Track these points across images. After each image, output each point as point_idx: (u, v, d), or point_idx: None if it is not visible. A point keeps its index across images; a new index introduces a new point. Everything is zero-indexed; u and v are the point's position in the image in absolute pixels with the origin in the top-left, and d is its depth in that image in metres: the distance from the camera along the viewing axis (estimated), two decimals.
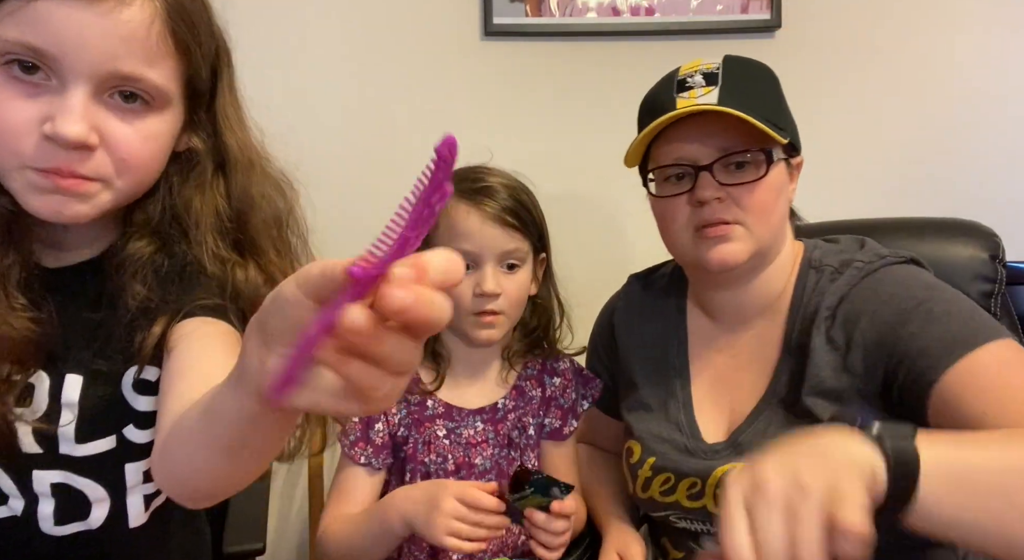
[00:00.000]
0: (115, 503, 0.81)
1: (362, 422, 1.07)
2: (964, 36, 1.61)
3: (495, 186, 1.08)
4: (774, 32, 1.59)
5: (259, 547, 1.24)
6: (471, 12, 1.57)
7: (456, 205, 1.05)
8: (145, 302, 0.75)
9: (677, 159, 0.96)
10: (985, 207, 1.38)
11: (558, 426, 1.15)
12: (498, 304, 1.05)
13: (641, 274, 1.17)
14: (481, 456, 1.09)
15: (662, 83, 1.01)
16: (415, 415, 1.09)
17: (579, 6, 1.57)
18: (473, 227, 1.04)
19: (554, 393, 1.15)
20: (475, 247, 1.04)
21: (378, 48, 1.58)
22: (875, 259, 0.94)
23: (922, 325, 0.86)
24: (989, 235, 1.28)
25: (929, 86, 1.61)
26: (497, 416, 1.11)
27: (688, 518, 0.99)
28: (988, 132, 1.62)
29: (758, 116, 0.91)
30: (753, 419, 0.96)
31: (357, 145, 1.61)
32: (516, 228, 1.07)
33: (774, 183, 0.94)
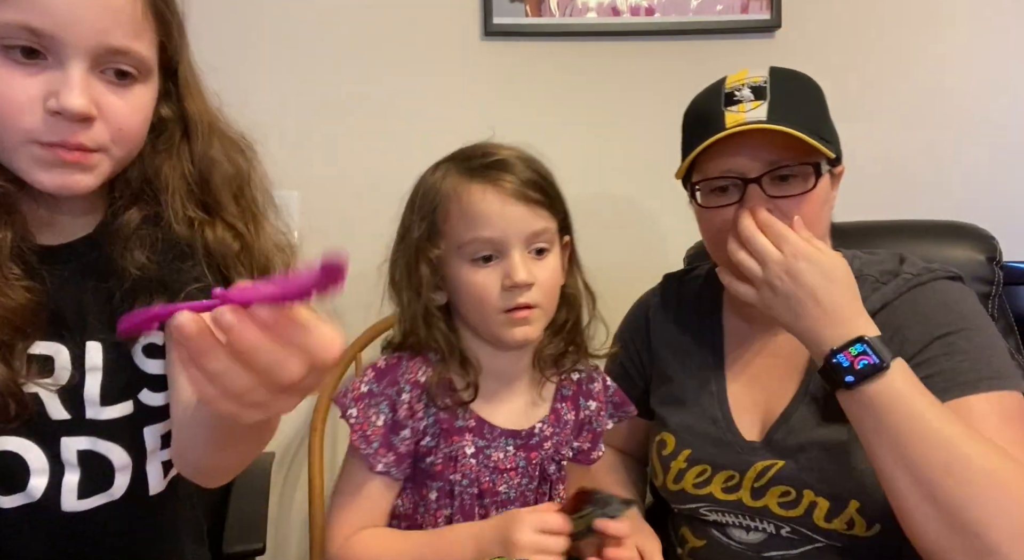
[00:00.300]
0: (136, 469, 0.84)
1: (386, 426, 0.92)
2: (962, 38, 1.61)
3: (509, 159, 0.93)
4: (774, 32, 1.59)
5: (259, 547, 1.24)
6: (471, 12, 1.57)
7: (468, 186, 0.91)
8: (144, 269, 0.80)
9: (725, 171, 0.97)
10: (982, 209, 1.39)
11: (587, 449, 1.04)
12: (531, 296, 0.91)
13: (676, 274, 1.18)
14: (507, 484, 0.96)
15: (708, 95, 1.01)
16: (444, 424, 0.95)
17: (579, 6, 1.57)
18: (492, 209, 0.89)
19: (588, 416, 1.04)
20: (498, 232, 0.90)
21: (378, 47, 1.58)
22: (924, 272, 0.97)
23: (940, 353, 0.89)
24: (986, 237, 1.28)
25: (927, 87, 1.61)
26: (532, 442, 0.98)
27: (720, 510, 1.00)
28: (985, 134, 1.62)
29: (806, 130, 0.92)
30: (787, 418, 0.97)
31: (357, 144, 1.61)
32: (542, 204, 0.92)
33: (820, 195, 0.96)
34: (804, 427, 0.96)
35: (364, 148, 1.61)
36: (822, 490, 0.93)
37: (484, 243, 0.91)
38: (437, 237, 0.93)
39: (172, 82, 0.83)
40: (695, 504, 1.02)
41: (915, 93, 1.61)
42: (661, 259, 1.54)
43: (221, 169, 0.85)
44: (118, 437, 0.83)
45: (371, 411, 0.93)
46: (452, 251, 0.92)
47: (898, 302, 0.95)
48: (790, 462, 0.95)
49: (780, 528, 0.96)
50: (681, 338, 1.11)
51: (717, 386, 1.05)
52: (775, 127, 0.91)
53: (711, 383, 1.05)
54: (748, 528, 0.98)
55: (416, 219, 0.95)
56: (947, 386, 0.87)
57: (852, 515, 0.91)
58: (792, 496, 0.94)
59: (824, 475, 0.93)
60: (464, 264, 0.91)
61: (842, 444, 0.92)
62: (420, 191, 0.96)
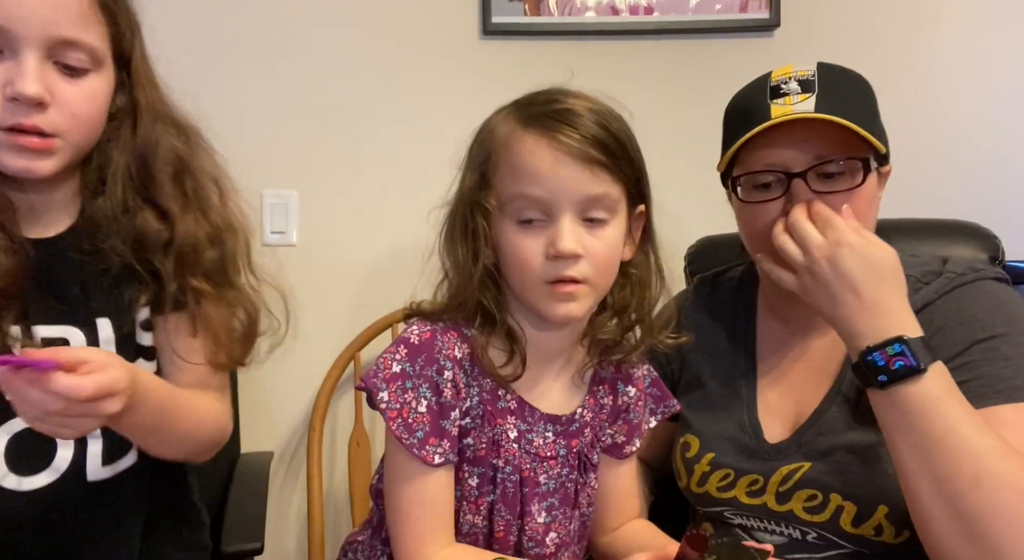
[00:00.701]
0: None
1: (431, 412, 0.81)
2: (962, 37, 1.61)
3: (576, 109, 0.81)
4: (773, 31, 1.59)
5: (257, 547, 1.24)
6: (470, 11, 1.57)
7: (522, 136, 0.81)
8: (124, 255, 0.87)
9: (769, 165, 0.93)
10: (985, 208, 1.38)
11: (621, 442, 0.95)
12: (579, 269, 0.80)
13: (708, 276, 1.15)
14: (547, 474, 0.87)
15: (754, 88, 0.98)
16: (488, 404, 0.85)
17: (578, 5, 1.57)
18: (543, 165, 0.78)
19: (626, 404, 0.94)
20: (546, 192, 0.79)
21: (378, 47, 1.58)
22: (968, 271, 0.94)
23: (981, 357, 0.87)
24: (988, 236, 1.28)
25: (928, 86, 1.61)
26: (572, 428, 0.89)
27: (744, 514, 0.98)
28: (987, 133, 1.62)
29: (856, 123, 0.89)
30: (817, 417, 0.95)
31: (357, 144, 1.61)
32: (604, 166, 0.80)
33: (868, 192, 0.92)
34: (834, 429, 0.93)
35: (364, 148, 1.61)
36: (849, 494, 0.90)
37: (530, 202, 0.80)
38: (489, 189, 0.83)
39: (126, 73, 0.89)
40: (719, 507, 1.00)
41: (916, 92, 1.61)
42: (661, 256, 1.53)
43: (161, 153, 0.90)
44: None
45: (408, 395, 0.81)
46: (500, 207, 0.82)
47: (940, 302, 0.92)
48: (817, 464, 0.93)
49: (806, 533, 0.93)
50: (713, 341, 1.08)
51: (748, 391, 1.03)
52: (826, 117, 0.87)
53: (742, 388, 1.03)
54: (770, 532, 0.96)
55: (469, 168, 0.86)
56: (986, 392, 0.84)
57: (880, 521, 0.88)
58: (818, 500, 0.92)
59: (851, 478, 0.90)
60: (510, 223, 0.81)
61: (872, 447, 0.89)
62: (479, 137, 0.87)
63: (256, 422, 1.61)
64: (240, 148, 1.59)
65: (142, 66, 0.90)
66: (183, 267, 0.88)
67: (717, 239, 1.42)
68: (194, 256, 0.89)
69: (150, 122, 0.90)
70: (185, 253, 0.88)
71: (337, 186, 1.60)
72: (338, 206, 1.61)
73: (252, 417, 1.60)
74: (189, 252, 0.88)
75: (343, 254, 1.60)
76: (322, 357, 1.55)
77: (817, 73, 0.94)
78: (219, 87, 1.58)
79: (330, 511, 1.59)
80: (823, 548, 0.93)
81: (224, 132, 1.60)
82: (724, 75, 1.54)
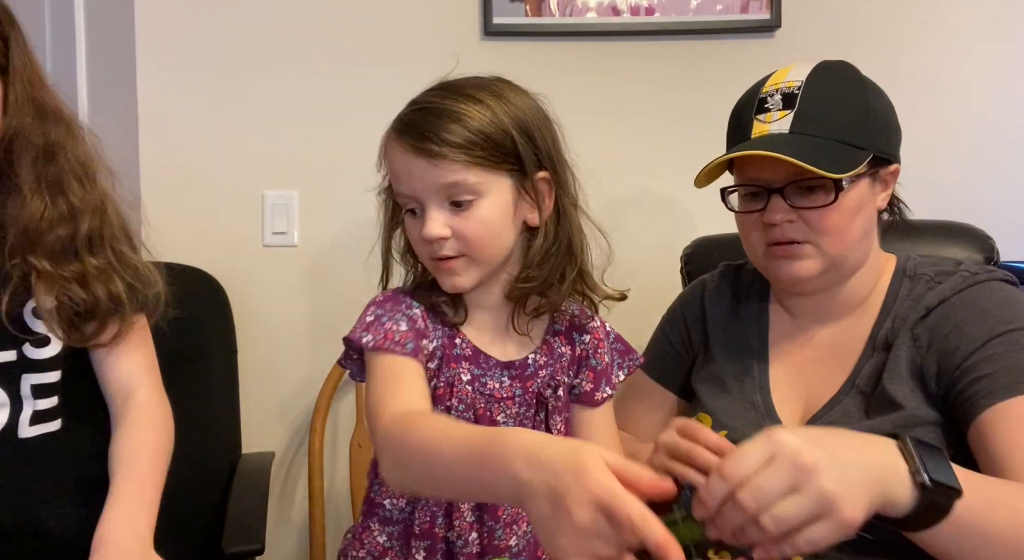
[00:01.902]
0: (12, 410, 0.97)
1: (413, 331, 0.90)
2: (960, 38, 1.61)
3: (419, 107, 0.93)
4: (774, 32, 1.59)
5: (258, 547, 1.24)
6: (471, 12, 1.57)
7: (391, 142, 0.94)
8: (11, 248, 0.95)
9: (751, 179, 0.97)
10: (980, 209, 1.38)
11: (589, 389, 1.01)
12: (450, 247, 0.89)
13: (734, 264, 1.17)
14: (504, 413, 0.95)
15: (749, 94, 1.01)
16: (446, 349, 0.94)
17: (579, 6, 1.57)
18: (401, 167, 0.91)
19: (585, 352, 1.01)
20: (409, 188, 0.90)
21: (378, 47, 1.58)
22: (982, 271, 0.96)
23: (1003, 350, 0.87)
24: (983, 237, 1.28)
25: (925, 88, 1.61)
26: (527, 373, 0.97)
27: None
28: (983, 134, 1.62)
29: (834, 143, 0.91)
30: (830, 408, 0.96)
31: (357, 144, 1.61)
32: (448, 157, 0.87)
33: (849, 204, 0.94)
34: (847, 418, 0.94)
35: (364, 148, 1.60)
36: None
37: (405, 198, 0.92)
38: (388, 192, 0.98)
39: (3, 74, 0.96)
40: None
41: (913, 93, 1.61)
42: (658, 257, 1.54)
43: (25, 139, 0.96)
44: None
45: (388, 325, 0.90)
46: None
47: (956, 299, 0.93)
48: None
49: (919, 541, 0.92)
50: (730, 322, 1.10)
51: (759, 372, 1.04)
52: (777, 155, 0.90)
53: (753, 369, 1.05)
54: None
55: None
56: (1012, 383, 0.84)
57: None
58: None
59: None
60: (407, 215, 0.93)
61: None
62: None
63: (257, 423, 1.61)
64: (242, 149, 1.61)
65: (18, 64, 0.95)
66: (25, 244, 0.95)
67: (714, 239, 1.42)
68: (36, 235, 0.95)
69: (21, 113, 0.95)
70: (29, 231, 0.94)
71: (338, 187, 1.60)
72: (339, 206, 1.61)
73: (253, 418, 1.60)
74: (33, 230, 0.94)
75: (344, 254, 1.60)
76: (323, 357, 1.55)
77: (805, 83, 0.95)
78: (220, 88, 1.58)
79: (331, 512, 1.59)
80: (843, 549, 0.91)
81: (226, 133, 1.61)
82: (725, 76, 1.54)
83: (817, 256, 0.95)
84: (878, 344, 0.96)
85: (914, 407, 0.90)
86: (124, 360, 1.04)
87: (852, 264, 0.98)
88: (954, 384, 0.88)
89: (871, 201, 0.97)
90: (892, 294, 0.98)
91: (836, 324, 1.01)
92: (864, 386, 0.95)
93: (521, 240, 0.95)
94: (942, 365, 0.90)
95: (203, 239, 1.55)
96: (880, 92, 1.00)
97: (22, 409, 0.97)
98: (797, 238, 0.95)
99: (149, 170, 1.56)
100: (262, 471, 1.50)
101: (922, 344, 0.92)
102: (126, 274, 1.01)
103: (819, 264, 0.95)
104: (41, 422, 0.99)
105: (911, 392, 0.91)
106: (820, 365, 1.01)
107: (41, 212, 0.95)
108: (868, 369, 0.95)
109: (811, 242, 0.95)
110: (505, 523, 0.95)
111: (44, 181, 0.96)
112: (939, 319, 0.89)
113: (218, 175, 1.59)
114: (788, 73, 0.98)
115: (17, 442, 0.97)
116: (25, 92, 0.95)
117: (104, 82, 1.61)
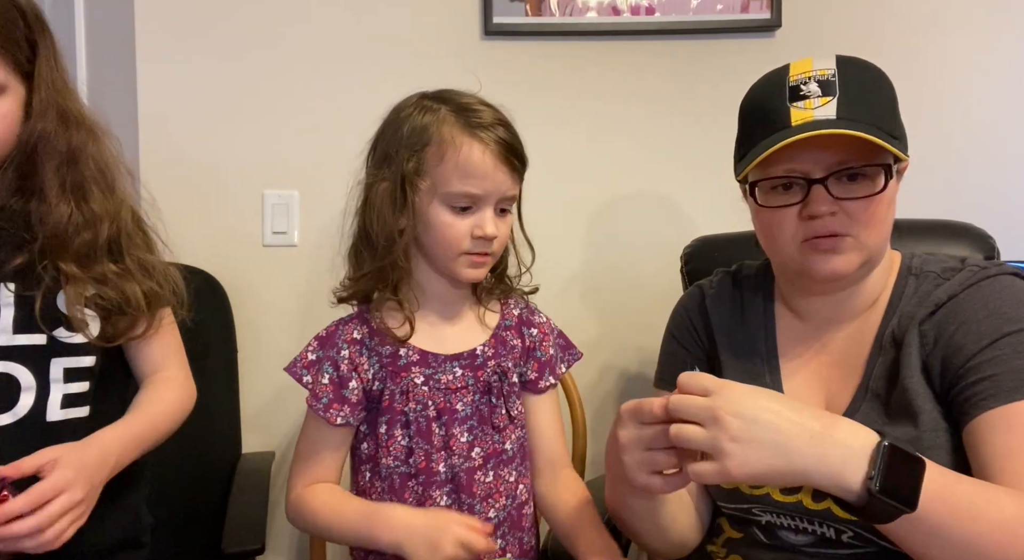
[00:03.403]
0: (40, 393, 0.99)
1: (332, 384, 1.05)
2: (961, 37, 1.61)
3: (496, 122, 1.04)
4: (774, 32, 1.59)
5: (258, 547, 1.24)
6: (471, 12, 1.57)
7: (467, 141, 1.01)
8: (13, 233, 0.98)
9: (788, 171, 0.91)
10: (980, 208, 1.38)
11: (534, 377, 1.14)
12: (492, 246, 1.04)
13: (730, 270, 1.13)
14: (462, 402, 1.06)
15: (769, 86, 0.95)
16: (389, 367, 1.06)
17: (579, 6, 1.57)
18: (487, 169, 1.01)
19: (532, 344, 1.14)
20: (483, 190, 1.01)
21: (379, 47, 1.58)
22: (991, 266, 0.93)
23: (1009, 351, 0.85)
24: (984, 237, 1.28)
25: (925, 87, 1.61)
26: (476, 362, 1.08)
27: (774, 512, 0.95)
28: (984, 133, 1.62)
29: (879, 130, 0.88)
30: (850, 415, 0.93)
31: (358, 145, 1.61)
32: (518, 171, 1.05)
33: (889, 195, 0.91)
34: (869, 425, 0.90)
35: (364, 148, 1.61)
36: None
37: (469, 197, 1.01)
38: (423, 173, 1.03)
39: (30, 79, 0.98)
40: (748, 504, 0.97)
41: (914, 92, 1.60)
42: (659, 256, 1.54)
43: (49, 144, 0.98)
44: (27, 361, 0.98)
45: (318, 374, 1.06)
46: (434, 191, 1.02)
47: (964, 294, 0.90)
48: None
49: (841, 532, 0.91)
50: (736, 328, 1.06)
51: (772, 379, 1.01)
52: (850, 132, 0.85)
53: (765, 376, 1.01)
54: (799, 530, 0.94)
55: (405, 151, 1.03)
56: (1012, 387, 0.83)
57: None
58: None
59: None
60: (443, 207, 1.02)
61: (913, 442, 0.86)
62: (408, 125, 1.05)
63: (258, 423, 1.61)
64: (242, 149, 1.61)
65: (45, 70, 0.98)
66: (54, 248, 0.97)
67: (713, 239, 1.42)
68: (63, 239, 0.98)
69: (41, 119, 0.97)
70: (57, 235, 0.97)
71: (338, 187, 1.60)
72: (339, 207, 1.60)
73: (254, 418, 1.61)
74: (60, 234, 0.97)
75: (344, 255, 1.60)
76: None
77: (838, 72, 0.91)
78: (220, 87, 1.58)
79: None
80: (856, 546, 0.90)
81: (226, 133, 1.61)
82: (725, 75, 1.54)
83: (857, 249, 0.91)
84: (885, 342, 0.94)
85: (930, 409, 0.88)
86: (154, 347, 1.09)
87: (878, 258, 0.95)
88: (957, 382, 0.87)
89: (895, 194, 0.94)
90: (898, 292, 0.96)
91: (847, 326, 0.98)
92: (878, 388, 0.93)
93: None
94: (947, 362, 0.88)
95: (203, 239, 1.55)
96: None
97: (49, 393, 0.99)
98: (839, 231, 0.90)
99: (149, 170, 1.56)
100: (262, 471, 1.50)
101: (928, 341, 0.90)
102: (144, 276, 1.04)
103: (859, 257, 0.91)
104: (71, 406, 1.00)
105: (925, 392, 0.89)
106: (833, 369, 0.98)
107: (68, 217, 0.98)
108: (879, 369, 0.93)
109: (852, 235, 0.90)
110: (480, 497, 1.07)
111: (68, 186, 0.99)
112: (947, 315, 0.87)
113: (218, 175, 1.59)
114: (811, 63, 0.94)
115: (44, 425, 0.98)
116: (50, 98, 0.98)
117: (104, 82, 1.61)
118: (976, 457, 0.84)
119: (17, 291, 0.97)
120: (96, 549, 1.02)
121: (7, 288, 0.98)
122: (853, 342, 0.97)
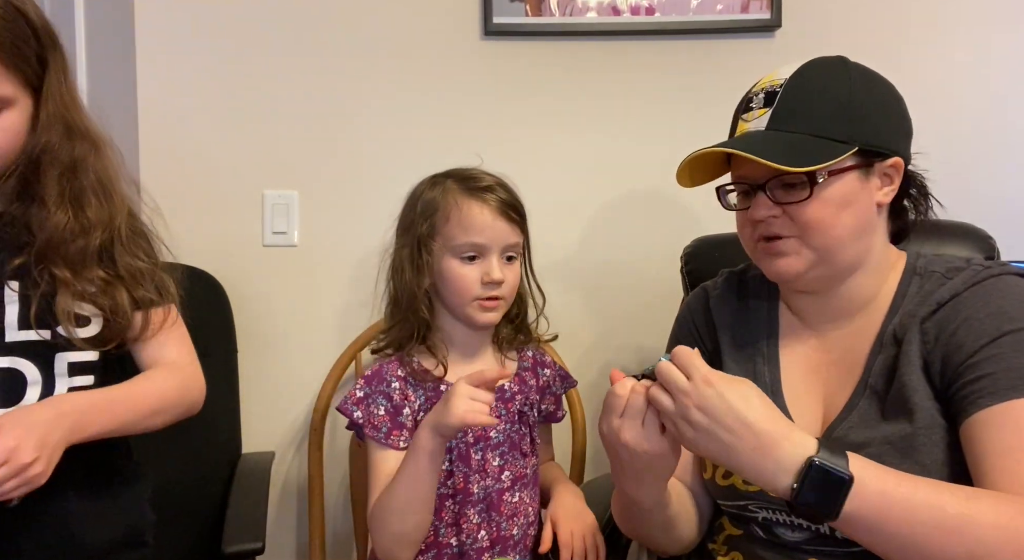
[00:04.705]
0: (46, 387, 1.00)
1: (388, 413, 1.14)
2: (961, 37, 1.61)
3: (494, 185, 1.20)
4: (774, 32, 1.59)
5: (258, 547, 1.24)
6: (471, 12, 1.58)
7: (468, 201, 1.16)
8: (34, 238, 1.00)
9: (739, 177, 0.99)
10: (980, 209, 1.38)
11: (552, 410, 1.30)
12: (500, 291, 1.16)
13: (735, 270, 1.15)
14: (496, 430, 1.18)
15: (744, 95, 1.01)
16: (431, 400, 1.16)
17: (579, 6, 1.57)
18: (486, 221, 1.15)
19: (547, 382, 1.28)
20: (486, 240, 1.15)
21: (379, 47, 1.59)
22: (995, 265, 0.94)
23: (1008, 349, 0.86)
24: (984, 237, 1.28)
25: (925, 87, 1.61)
26: (506, 396, 1.20)
27: (771, 508, 0.97)
28: (984, 133, 1.62)
29: (814, 138, 0.92)
30: (848, 412, 0.95)
31: (358, 144, 1.61)
32: (517, 223, 1.19)
33: (831, 197, 0.93)
34: (866, 422, 0.93)
35: (364, 148, 1.61)
36: None
37: (475, 246, 1.15)
38: (435, 234, 1.17)
39: (38, 92, 1.00)
40: (744, 501, 0.99)
41: (913, 92, 1.59)
42: (658, 257, 1.54)
43: (53, 155, 1.01)
44: (33, 356, 0.99)
45: (372, 407, 1.15)
46: (445, 247, 1.16)
47: (967, 292, 0.91)
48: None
49: (836, 529, 0.91)
50: (738, 327, 1.09)
51: (771, 377, 1.02)
52: (744, 155, 0.91)
53: (765, 374, 1.03)
54: (794, 526, 0.95)
55: (419, 220, 1.18)
56: (1010, 385, 0.83)
57: None
58: None
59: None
60: (453, 259, 1.16)
61: (907, 438, 0.88)
62: (421, 200, 1.20)
63: (257, 422, 1.61)
64: (242, 149, 1.61)
65: (53, 85, 1.01)
66: (49, 253, 0.99)
67: (713, 239, 1.42)
68: (58, 245, 1.00)
69: (47, 131, 1.00)
70: (52, 241, 0.99)
71: (338, 187, 1.61)
72: (339, 206, 1.61)
73: (254, 417, 1.61)
74: (56, 241, 1.00)
75: (344, 254, 1.61)
76: (323, 357, 1.55)
77: (788, 80, 0.95)
78: (220, 87, 1.58)
79: (331, 512, 1.60)
80: (854, 544, 0.89)
81: (226, 132, 1.61)
82: (725, 75, 1.54)
83: (802, 251, 0.94)
84: (886, 340, 0.95)
85: (928, 406, 0.89)
86: (154, 347, 1.09)
87: (847, 261, 0.96)
88: (956, 379, 0.87)
89: (864, 196, 0.95)
90: (901, 292, 0.97)
91: (846, 324, 1.00)
92: (877, 385, 0.94)
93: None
94: (947, 360, 0.89)
95: (203, 239, 1.55)
96: (875, 84, 0.99)
97: (55, 387, 1.00)
98: (782, 233, 0.95)
99: (149, 170, 1.56)
100: (262, 471, 1.50)
101: (930, 339, 0.91)
102: (134, 283, 1.05)
103: (805, 259, 0.95)
104: None
105: (924, 389, 0.90)
106: (833, 367, 0.99)
107: (64, 224, 1.00)
108: (878, 366, 0.94)
109: (796, 237, 0.94)
110: (507, 516, 1.17)
111: (67, 195, 1.02)
112: (949, 314, 0.88)
113: (218, 175, 1.59)
114: (778, 72, 0.98)
115: None
116: (57, 111, 1.01)
117: (104, 82, 1.61)
118: (971, 454, 0.85)
119: (20, 290, 0.99)
120: (98, 547, 1.02)
121: (10, 287, 0.99)
122: (854, 341, 0.98)
